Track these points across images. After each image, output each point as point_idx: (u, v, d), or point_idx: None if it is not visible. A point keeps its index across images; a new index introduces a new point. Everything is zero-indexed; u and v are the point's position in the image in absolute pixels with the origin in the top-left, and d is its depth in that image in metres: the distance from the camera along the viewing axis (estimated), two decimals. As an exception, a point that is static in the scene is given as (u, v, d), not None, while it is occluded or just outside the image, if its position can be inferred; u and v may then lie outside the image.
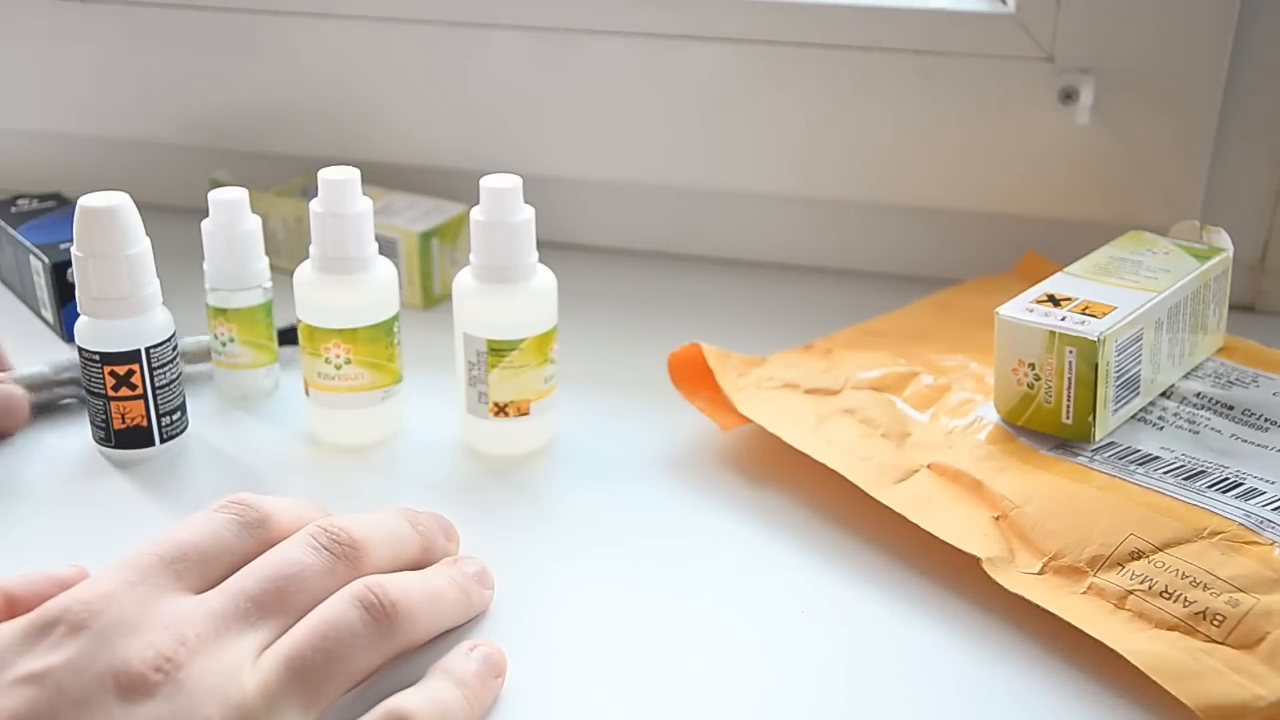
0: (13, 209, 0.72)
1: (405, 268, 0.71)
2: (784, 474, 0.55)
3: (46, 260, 0.66)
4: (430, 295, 0.72)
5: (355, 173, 0.55)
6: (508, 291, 0.55)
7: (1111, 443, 0.53)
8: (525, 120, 0.75)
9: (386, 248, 0.65)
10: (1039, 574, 0.47)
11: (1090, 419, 0.52)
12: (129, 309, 0.54)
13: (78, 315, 0.55)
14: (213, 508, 0.43)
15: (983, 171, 0.71)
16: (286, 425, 0.60)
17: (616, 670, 0.45)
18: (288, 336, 0.64)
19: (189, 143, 0.81)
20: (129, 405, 0.55)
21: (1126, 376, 0.53)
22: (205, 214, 0.59)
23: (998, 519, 0.49)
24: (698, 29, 0.71)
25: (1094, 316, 0.52)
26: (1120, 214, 0.70)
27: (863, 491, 0.51)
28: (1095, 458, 0.52)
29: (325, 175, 0.55)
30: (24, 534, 0.52)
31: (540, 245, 0.56)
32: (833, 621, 0.47)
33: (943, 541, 0.48)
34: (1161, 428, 0.54)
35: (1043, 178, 0.71)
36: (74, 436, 0.58)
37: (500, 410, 0.56)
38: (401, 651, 0.42)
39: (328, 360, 0.56)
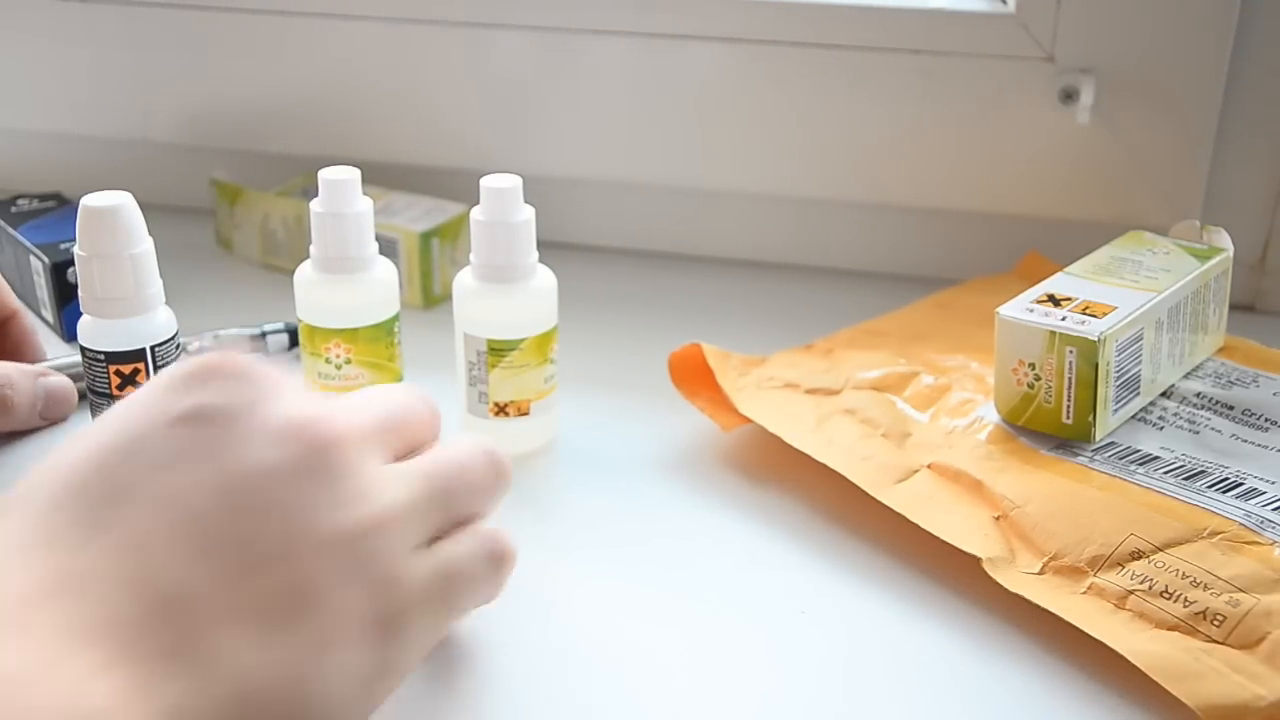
0: (13, 209, 0.72)
1: (405, 267, 0.71)
2: (784, 474, 0.55)
3: (46, 260, 0.66)
4: (430, 295, 0.72)
5: (355, 173, 0.55)
6: (508, 291, 0.55)
7: (1112, 443, 0.53)
8: (525, 120, 0.75)
9: (387, 248, 0.65)
10: (1039, 574, 0.47)
11: (1090, 419, 0.52)
12: (133, 308, 0.54)
13: (79, 315, 0.55)
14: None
15: (983, 171, 0.71)
16: (287, 425, 0.60)
17: (616, 670, 0.45)
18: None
19: (189, 143, 0.81)
20: (130, 405, 0.55)
21: (1127, 376, 0.53)
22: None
23: (998, 519, 0.49)
24: (698, 29, 0.71)
25: (1094, 316, 0.52)
26: (1120, 214, 0.70)
27: (863, 491, 0.51)
28: (1095, 458, 0.52)
29: (325, 175, 0.55)
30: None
31: (540, 245, 0.56)
32: (833, 621, 0.47)
33: (943, 541, 0.48)
34: (1162, 428, 0.54)
35: (1043, 177, 0.71)
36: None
37: (500, 410, 0.56)
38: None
39: (328, 360, 0.56)
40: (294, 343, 0.64)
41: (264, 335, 0.64)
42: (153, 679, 0.31)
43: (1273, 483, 0.50)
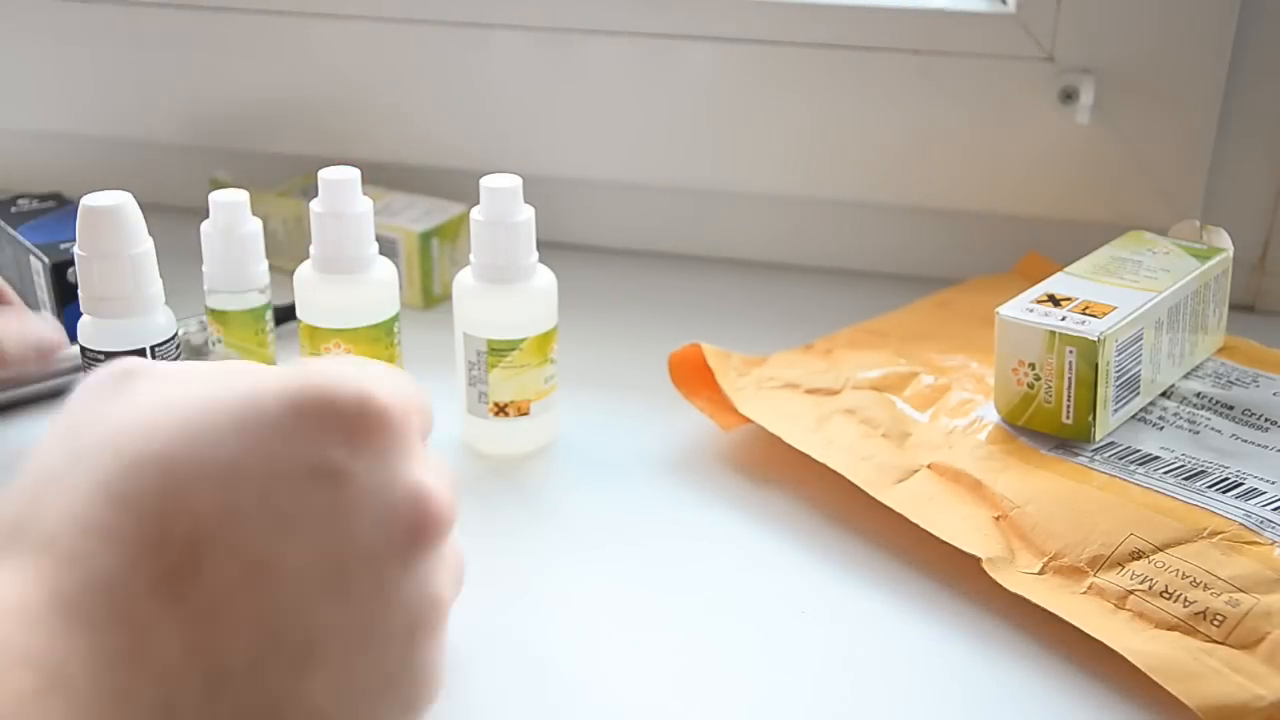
0: (13, 209, 0.72)
1: (405, 268, 0.71)
2: (784, 474, 0.55)
3: (46, 260, 0.66)
4: (430, 295, 0.72)
5: (355, 173, 0.55)
6: (508, 291, 0.55)
7: (1112, 443, 0.53)
8: (525, 120, 0.75)
9: (387, 248, 0.65)
10: (1039, 574, 0.47)
11: (1090, 419, 0.52)
12: (133, 308, 0.54)
13: (79, 315, 0.55)
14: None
15: (983, 171, 0.71)
16: (287, 425, 0.60)
17: (616, 670, 0.45)
18: (286, 314, 0.64)
19: (189, 143, 0.81)
20: (130, 405, 0.55)
21: (1127, 376, 0.53)
22: (206, 214, 0.59)
23: (998, 519, 0.49)
24: (698, 29, 0.71)
25: (1094, 316, 0.52)
26: (1120, 214, 0.70)
27: (863, 491, 0.51)
28: (1095, 458, 0.52)
29: (325, 175, 0.55)
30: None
31: (540, 245, 0.56)
32: (833, 621, 0.47)
33: (943, 541, 0.48)
34: (1162, 428, 0.54)
35: (1043, 177, 0.71)
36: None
37: (500, 410, 0.56)
38: None
39: (328, 360, 0.56)
40: (276, 323, 0.64)
41: None
42: None
43: (1272, 483, 0.50)
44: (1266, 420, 0.54)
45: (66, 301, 0.66)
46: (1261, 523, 0.47)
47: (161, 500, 0.29)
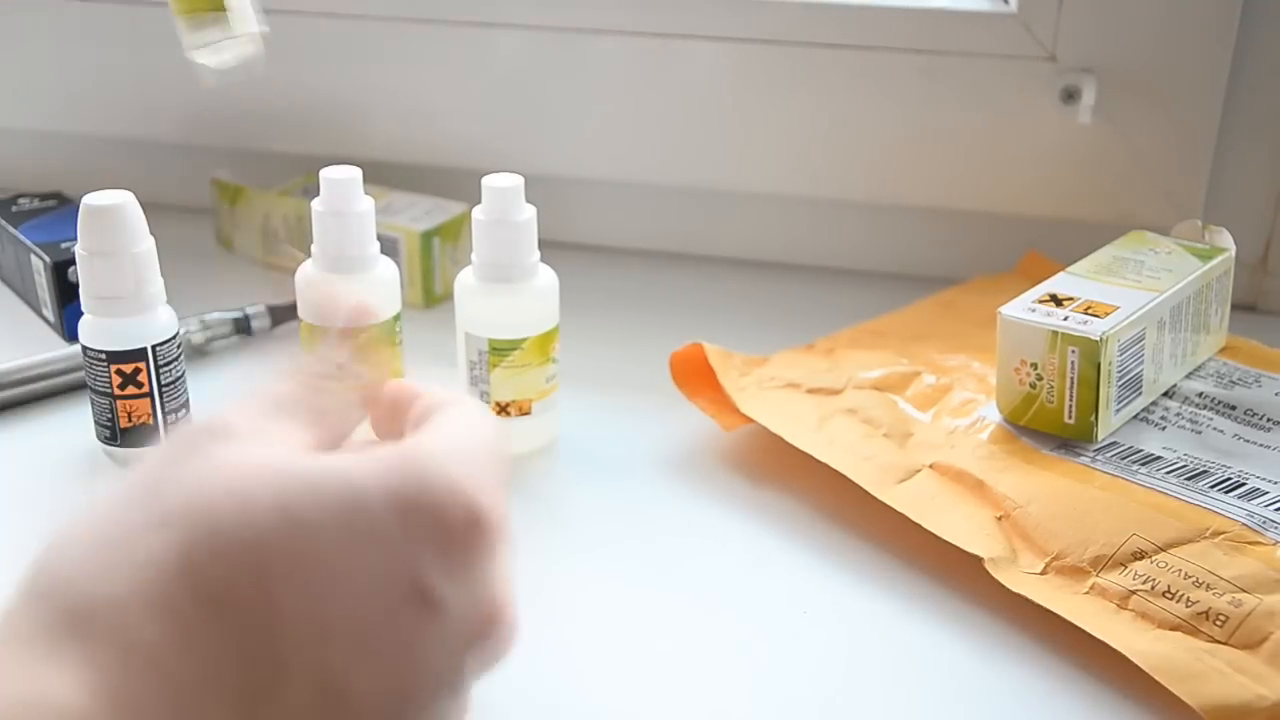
0: (13, 208, 0.72)
1: (407, 267, 0.71)
2: (786, 474, 0.55)
3: (47, 259, 0.66)
4: (432, 295, 0.72)
5: (357, 172, 0.55)
6: (509, 291, 0.55)
7: (1114, 443, 0.53)
8: (527, 119, 0.75)
9: (388, 247, 0.64)
10: (1041, 574, 0.47)
11: (1092, 419, 0.52)
12: (134, 307, 0.54)
13: (79, 314, 0.55)
14: None
15: (984, 171, 0.71)
16: (288, 425, 0.60)
17: (617, 669, 0.45)
18: (287, 314, 0.65)
19: (190, 142, 0.81)
20: (135, 404, 0.55)
21: (1129, 376, 0.53)
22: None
23: (1000, 519, 0.49)
24: (698, 29, 0.71)
25: (1096, 316, 0.52)
26: (1122, 213, 0.69)
27: (865, 491, 0.51)
28: (1098, 458, 0.52)
29: (327, 174, 0.55)
30: (26, 534, 0.52)
31: (542, 244, 0.56)
32: (835, 621, 0.47)
33: (945, 541, 0.48)
34: (1164, 428, 0.54)
35: (1045, 177, 0.70)
36: (75, 434, 0.58)
37: (502, 410, 0.56)
38: None
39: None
40: (275, 323, 0.65)
41: (247, 318, 0.65)
42: None
43: (1275, 483, 0.50)
44: (1269, 420, 0.54)
45: (67, 300, 0.66)
46: (1264, 523, 0.47)
47: (254, 603, 0.26)
